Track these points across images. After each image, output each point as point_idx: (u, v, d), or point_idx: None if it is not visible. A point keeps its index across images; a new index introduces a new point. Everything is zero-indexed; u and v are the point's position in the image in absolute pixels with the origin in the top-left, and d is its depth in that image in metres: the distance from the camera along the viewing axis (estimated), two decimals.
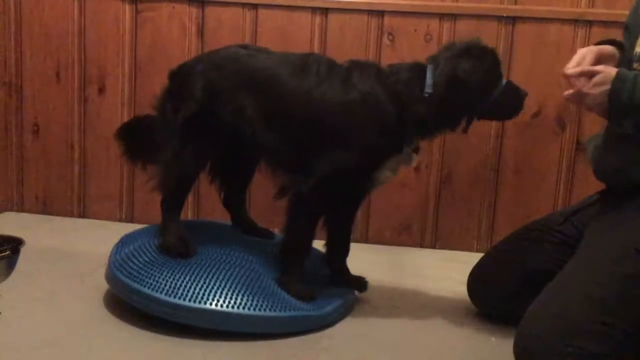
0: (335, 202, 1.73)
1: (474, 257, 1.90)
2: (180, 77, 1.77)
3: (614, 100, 1.41)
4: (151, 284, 1.56)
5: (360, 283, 1.86)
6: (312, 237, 1.72)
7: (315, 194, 1.63)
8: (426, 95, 1.59)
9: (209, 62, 1.72)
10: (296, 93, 1.63)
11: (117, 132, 1.94)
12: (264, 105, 1.66)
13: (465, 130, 1.67)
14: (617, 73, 1.41)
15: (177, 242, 1.70)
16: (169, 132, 1.73)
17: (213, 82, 1.69)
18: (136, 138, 1.90)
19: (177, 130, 1.71)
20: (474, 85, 1.59)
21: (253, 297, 1.57)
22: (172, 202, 1.78)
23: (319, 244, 1.84)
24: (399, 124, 1.61)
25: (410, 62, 1.68)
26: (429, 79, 1.60)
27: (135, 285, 1.58)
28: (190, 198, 2.47)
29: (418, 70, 1.63)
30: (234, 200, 1.98)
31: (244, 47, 1.79)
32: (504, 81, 1.64)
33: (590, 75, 1.44)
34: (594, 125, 2.33)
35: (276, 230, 2.06)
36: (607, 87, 1.41)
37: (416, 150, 1.69)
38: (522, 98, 1.67)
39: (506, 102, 1.65)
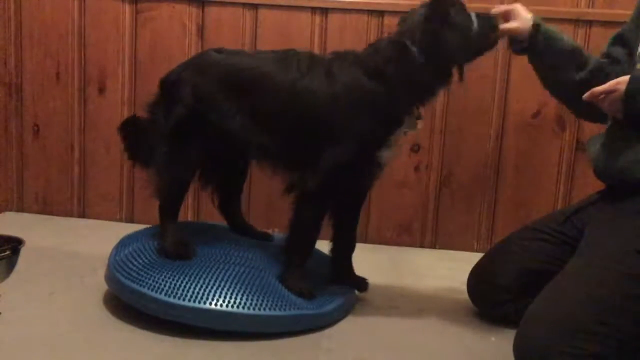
0: (342, 196, 1.73)
1: (474, 257, 1.90)
2: (168, 83, 1.78)
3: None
4: (151, 284, 1.57)
5: (361, 283, 1.86)
6: (317, 234, 1.72)
7: (322, 190, 1.64)
8: (418, 59, 1.59)
9: (193, 68, 1.74)
10: (281, 88, 1.64)
11: (119, 128, 1.94)
12: (251, 106, 1.67)
13: (461, 78, 1.67)
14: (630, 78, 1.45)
15: (176, 246, 1.71)
16: (160, 137, 1.74)
17: (199, 87, 1.70)
18: (136, 136, 1.90)
19: (167, 135, 1.73)
20: (454, 35, 1.59)
21: (253, 296, 1.57)
22: (169, 207, 1.79)
23: (319, 244, 1.84)
24: (391, 102, 1.61)
25: (385, 40, 1.68)
26: (412, 49, 1.59)
27: (135, 286, 1.58)
28: (190, 200, 2.47)
29: (396, 45, 1.63)
30: (230, 205, 1.99)
31: (219, 51, 1.79)
32: (474, 15, 1.64)
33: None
34: (594, 125, 2.32)
35: (275, 230, 2.06)
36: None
37: (418, 116, 1.68)
38: (494, 23, 1.67)
39: (485, 35, 1.65)
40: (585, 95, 1.51)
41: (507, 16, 1.71)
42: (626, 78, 1.46)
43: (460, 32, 1.60)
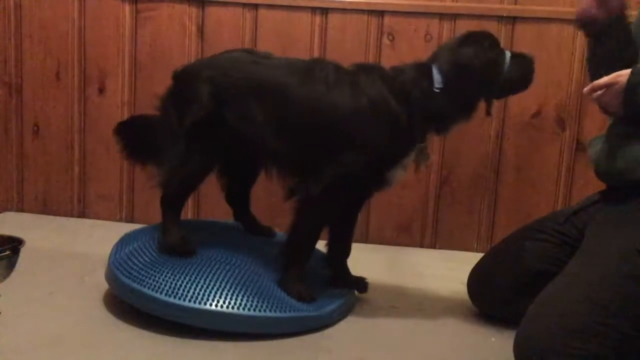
0: (345, 204, 1.73)
1: (474, 257, 1.90)
2: (186, 80, 1.75)
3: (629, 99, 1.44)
4: (151, 284, 1.56)
5: (360, 283, 1.85)
6: (317, 240, 1.72)
7: (326, 198, 1.63)
8: (437, 90, 1.61)
9: (216, 68, 1.71)
10: (306, 100, 1.63)
11: (115, 129, 1.93)
12: (273, 114, 1.66)
13: (488, 113, 1.67)
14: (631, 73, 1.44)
15: (178, 242, 1.70)
16: (174, 135, 1.72)
17: (221, 89, 1.68)
18: (135, 136, 1.89)
19: (183, 134, 1.70)
20: (481, 68, 1.61)
21: (253, 297, 1.57)
22: (174, 202, 1.77)
23: (319, 244, 1.84)
24: (410, 124, 1.62)
25: (411, 62, 1.69)
26: (436, 75, 1.62)
27: (135, 286, 1.58)
28: (190, 198, 2.46)
29: (422, 68, 1.65)
30: (238, 197, 1.97)
31: (249, 52, 1.78)
32: (508, 54, 1.65)
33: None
34: (594, 125, 2.33)
35: (276, 229, 2.05)
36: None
37: (425, 151, 1.70)
38: (530, 64, 1.67)
39: (517, 74, 1.66)
40: (586, 90, 1.51)
41: None
42: (627, 71, 1.45)
43: (488, 67, 1.61)
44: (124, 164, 2.50)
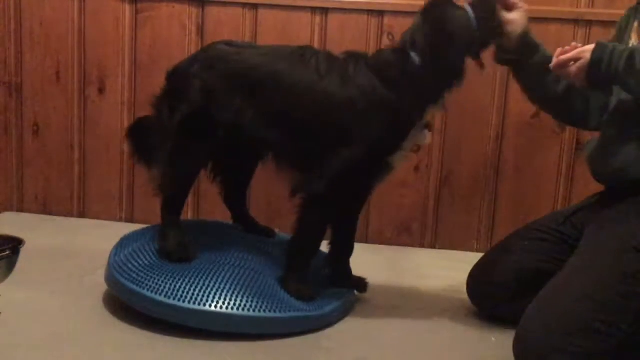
0: (346, 199, 1.72)
1: (474, 257, 1.90)
2: (176, 77, 1.76)
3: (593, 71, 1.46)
4: (151, 286, 1.56)
5: (360, 283, 1.85)
6: (322, 238, 1.72)
7: (330, 194, 1.62)
8: (418, 64, 1.59)
9: (202, 62, 1.71)
10: (298, 89, 1.62)
11: (127, 132, 1.94)
12: (264, 104, 1.65)
13: (482, 66, 1.65)
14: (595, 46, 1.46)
15: (177, 247, 1.69)
16: (166, 133, 1.72)
17: (207, 83, 1.68)
18: (142, 139, 1.89)
19: (174, 131, 1.70)
20: (458, 29, 1.58)
21: (253, 298, 1.57)
22: (172, 205, 1.77)
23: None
24: (402, 106, 1.60)
25: (386, 48, 1.70)
26: (411, 53, 1.60)
27: (135, 288, 1.57)
28: (190, 198, 2.47)
29: (398, 51, 1.64)
30: (235, 198, 1.98)
31: (228, 43, 1.77)
32: (469, 8, 1.61)
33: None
34: None
35: (276, 230, 2.06)
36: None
37: (428, 126, 1.68)
38: (493, 6, 1.64)
39: (484, 22, 1.62)
40: (553, 64, 1.51)
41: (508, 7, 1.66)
42: (591, 46, 1.46)
43: (461, 26, 1.59)
44: (124, 163, 2.50)
